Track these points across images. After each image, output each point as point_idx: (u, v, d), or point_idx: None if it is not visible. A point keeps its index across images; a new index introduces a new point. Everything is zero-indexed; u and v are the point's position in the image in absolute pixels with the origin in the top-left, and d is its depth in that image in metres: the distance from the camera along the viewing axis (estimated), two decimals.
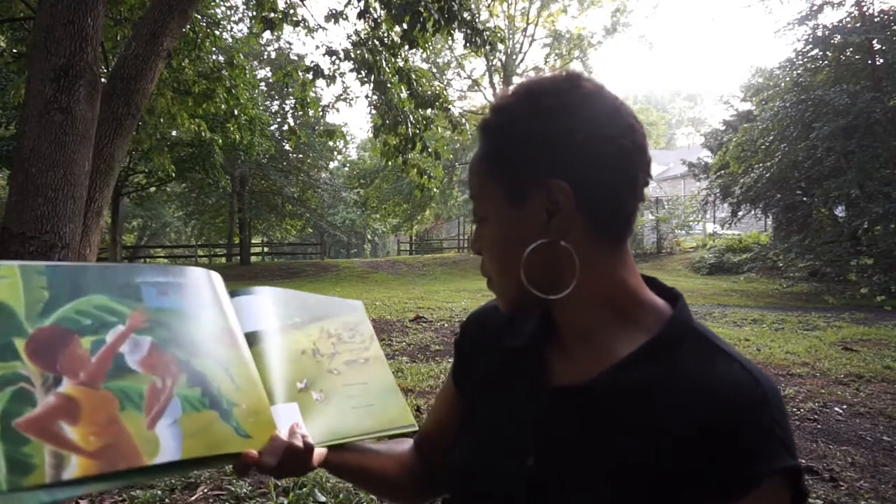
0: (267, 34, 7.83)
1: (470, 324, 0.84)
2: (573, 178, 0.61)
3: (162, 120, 8.20)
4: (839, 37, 12.03)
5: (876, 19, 11.94)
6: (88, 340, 0.54)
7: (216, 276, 0.69)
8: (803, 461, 3.19)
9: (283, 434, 0.64)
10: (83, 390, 0.52)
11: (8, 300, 0.52)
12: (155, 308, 0.59)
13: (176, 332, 0.60)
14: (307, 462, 0.66)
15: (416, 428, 0.79)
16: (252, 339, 0.69)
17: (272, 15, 6.13)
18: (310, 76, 6.57)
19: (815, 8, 12.55)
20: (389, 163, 7.22)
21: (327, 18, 6.42)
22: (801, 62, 13.05)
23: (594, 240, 0.63)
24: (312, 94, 8.21)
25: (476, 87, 26.75)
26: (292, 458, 0.64)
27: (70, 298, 0.55)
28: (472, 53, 7.30)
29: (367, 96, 6.96)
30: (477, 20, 5.90)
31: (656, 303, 0.67)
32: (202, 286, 0.65)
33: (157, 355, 0.57)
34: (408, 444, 0.85)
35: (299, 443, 0.64)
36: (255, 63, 20.63)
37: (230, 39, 11.78)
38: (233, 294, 0.71)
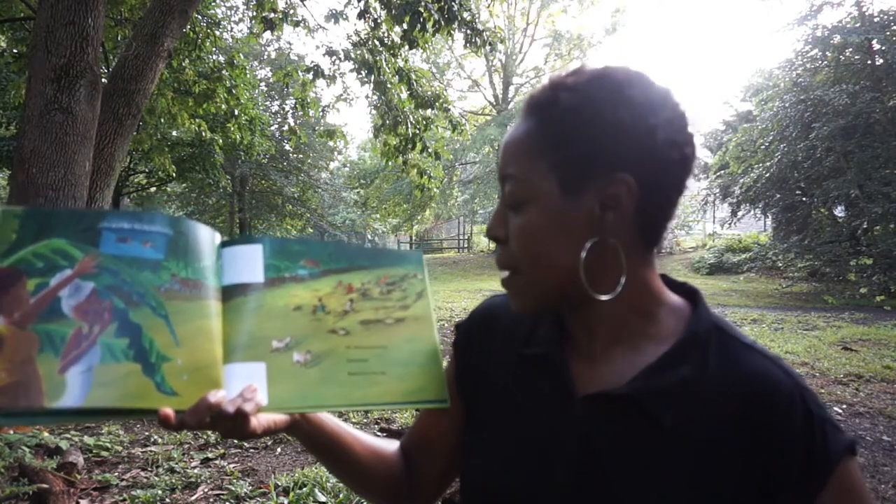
0: (267, 34, 7.83)
1: (474, 326, 0.78)
2: (641, 177, 0.58)
3: (162, 120, 8.20)
4: (838, 37, 12.03)
5: (875, 19, 11.94)
6: (34, 282, 0.56)
7: (203, 228, 0.65)
8: None
9: (231, 395, 0.59)
10: (11, 329, 0.54)
11: None
12: (108, 254, 0.59)
13: (122, 279, 0.59)
14: (242, 428, 0.59)
15: (447, 405, 0.70)
16: (232, 292, 0.65)
17: (272, 15, 6.14)
18: (310, 76, 6.59)
19: (814, 8, 12.56)
20: (389, 163, 7.23)
21: (327, 18, 6.42)
22: (800, 62, 13.06)
23: (637, 242, 0.62)
24: (312, 95, 8.22)
25: (476, 87, 26.77)
26: (223, 422, 0.58)
27: (33, 241, 0.57)
28: (472, 53, 7.30)
29: (367, 96, 6.98)
30: (477, 20, 5.91)
31: (675, 302, 0.66)
32: (179, 235, 0.63)
33: (94, 301, 0.57)
34: (394, 444, 0.81)
35: (230, 408, 0.57)
36: (255, 63, 20.61)
37: (230, 39, 11.79)
38: (228, 243, 0.68)
